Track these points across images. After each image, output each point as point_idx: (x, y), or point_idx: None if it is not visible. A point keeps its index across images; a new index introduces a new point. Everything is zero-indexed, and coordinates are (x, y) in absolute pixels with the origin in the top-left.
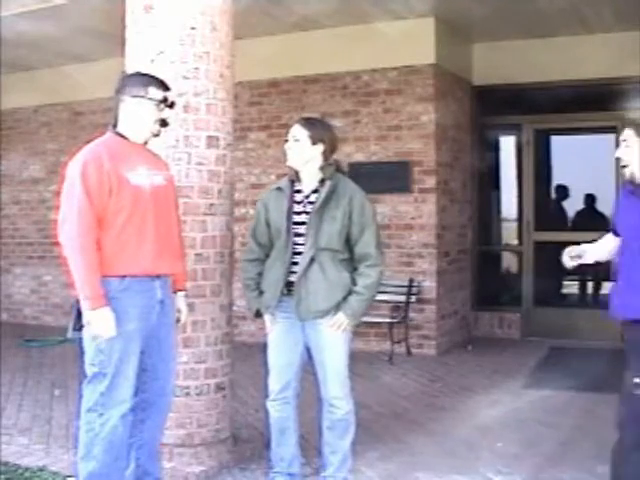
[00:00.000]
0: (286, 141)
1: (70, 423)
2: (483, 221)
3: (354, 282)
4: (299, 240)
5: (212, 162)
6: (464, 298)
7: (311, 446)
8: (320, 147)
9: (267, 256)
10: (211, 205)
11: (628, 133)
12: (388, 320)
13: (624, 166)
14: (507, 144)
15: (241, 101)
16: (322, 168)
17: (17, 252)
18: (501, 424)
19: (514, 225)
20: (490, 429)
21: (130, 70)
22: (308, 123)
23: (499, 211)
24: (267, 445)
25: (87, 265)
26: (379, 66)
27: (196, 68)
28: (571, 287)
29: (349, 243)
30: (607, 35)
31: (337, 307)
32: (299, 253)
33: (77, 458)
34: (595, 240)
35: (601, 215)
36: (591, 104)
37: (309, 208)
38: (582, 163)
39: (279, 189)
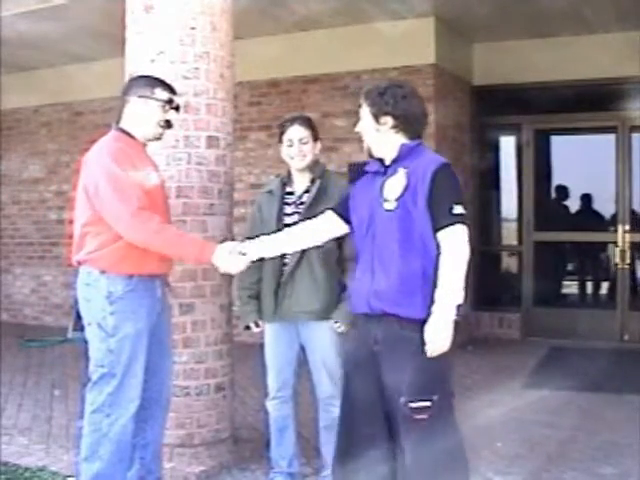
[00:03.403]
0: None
1: (70, 423)
2: (483, 221)
3: (342, 284)
4: None
5: (212, 162)
6: (464, 298)
7: (311, 446)
8: (318, 144)
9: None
10: (211, 205)
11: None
12: None
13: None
14: (507, 144)
15: (241, 101)
16: (312, 167)
17: (17, 252)
18: (501, 424)
19: (514, 225)
20: (490, 429)
21: (132, 70)
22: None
23: (499, 211)
24: (267, 445)
25: (172, 241)
26: (379, 66)
27: (196, 68)
28: (571, 287)
29: (338, 242)
30: (607, 35)
31: (326, 310)
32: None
33: (80, 459)
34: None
35: (598, 214)
36: (591, 104)
37: (301, 208)
38: (582, 163)
39: (270, 192)
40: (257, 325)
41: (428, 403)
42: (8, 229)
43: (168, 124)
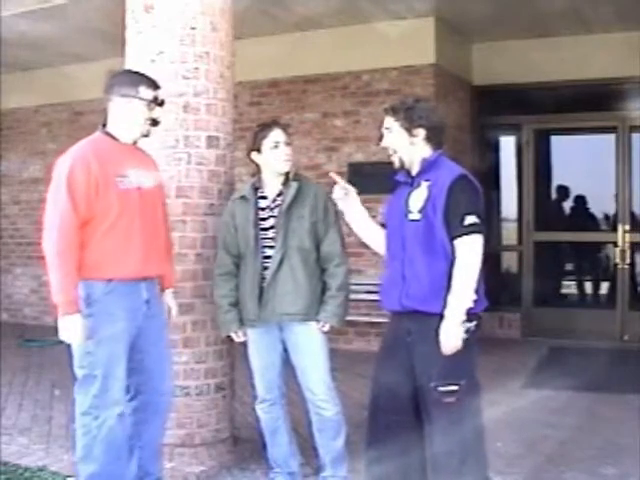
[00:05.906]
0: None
1: (70, 423)
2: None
3: (324, 284)
4: (269, 243)
5: (212, 162)
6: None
7: (310, 445)
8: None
9: (237, 268)
10: (211, 205)
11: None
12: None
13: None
14: (507, 144)
15: (241, 101)
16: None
17: (17, 252)
18: (501, 424)
19: (514, 225)
20: (490, 429)
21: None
22: None
23: (499, 211)
24: (265, 446)
25: (63, 271)
26: (379, 66)
27: (196, 68)
28: (571, 287)
29: (316, 242)
30: (607, 35)
31: (308, 310)
32: (270, 257)
33: (77, 459)
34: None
35: (598, 214)
36: (591, 104)
37: (276, 212)
38: (582, 163)
39: (243, 197)
40: (236, 333)
41: (456, 387)
42: (8, 229)
43: (154, 122)
